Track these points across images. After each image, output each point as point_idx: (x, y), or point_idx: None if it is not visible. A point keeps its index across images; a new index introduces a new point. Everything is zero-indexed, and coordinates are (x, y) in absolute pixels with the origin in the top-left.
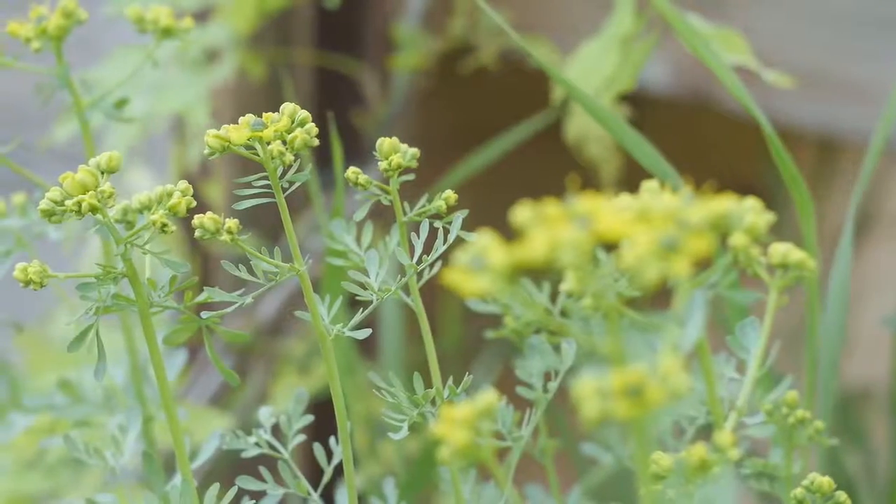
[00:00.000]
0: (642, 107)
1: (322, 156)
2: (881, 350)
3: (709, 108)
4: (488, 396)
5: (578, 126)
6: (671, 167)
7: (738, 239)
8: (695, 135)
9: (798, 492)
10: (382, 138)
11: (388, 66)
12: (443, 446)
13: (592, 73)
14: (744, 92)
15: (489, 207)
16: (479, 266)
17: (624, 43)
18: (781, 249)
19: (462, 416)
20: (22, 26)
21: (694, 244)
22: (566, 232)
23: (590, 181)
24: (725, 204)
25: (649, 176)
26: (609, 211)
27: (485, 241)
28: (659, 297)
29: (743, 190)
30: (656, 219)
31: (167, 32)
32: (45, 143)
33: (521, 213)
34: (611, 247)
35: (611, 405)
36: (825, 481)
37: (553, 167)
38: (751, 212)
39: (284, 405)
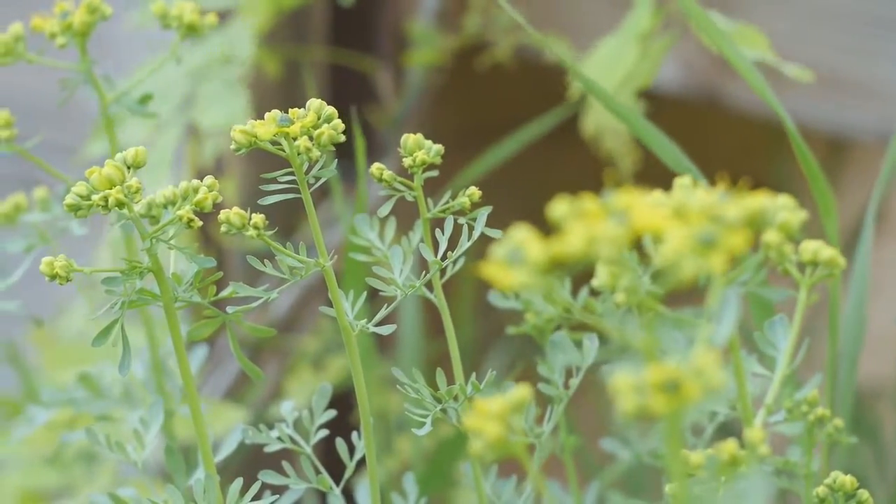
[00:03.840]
0: (652, 105)
1: (337, 151)
2: (889, 347)
3: (718, 107)
4: (520, 391)
5: (595, 120)
6: (687, 160)
7: (771, 236)
8: (704, 133)
9: (821, 490)
10: (407, 134)
11: (403, 63)
12: (474, 439)
13: (611, 69)
14: (766, 87)
15: (503, 203)
16: (517, 260)
17: (642, 39)
18: (812, 247)
19: (495, 410)
20: (47, 21)
21: (730, 240)
22: (604, 227)
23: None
24: (761, 201)
25: (665, 170)
26: (646, 207)
27: (522, 236)
28: (678, 295)
29: (752, 188)
30: (693, 215)
31: (191, 29)
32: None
33: (559, 207)
34: (635, 245)
35: (647, 400)
36: (848, 480)
37: (566, 164)
38: (784, 209)
39: (298, 400)
